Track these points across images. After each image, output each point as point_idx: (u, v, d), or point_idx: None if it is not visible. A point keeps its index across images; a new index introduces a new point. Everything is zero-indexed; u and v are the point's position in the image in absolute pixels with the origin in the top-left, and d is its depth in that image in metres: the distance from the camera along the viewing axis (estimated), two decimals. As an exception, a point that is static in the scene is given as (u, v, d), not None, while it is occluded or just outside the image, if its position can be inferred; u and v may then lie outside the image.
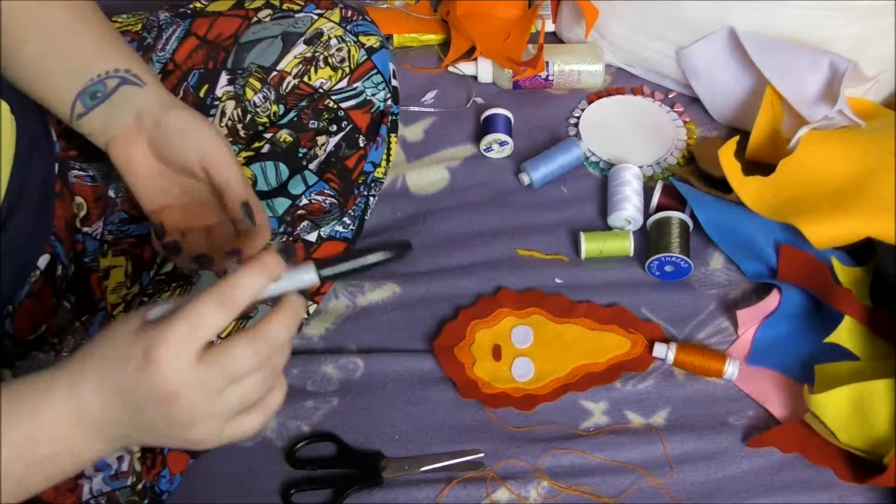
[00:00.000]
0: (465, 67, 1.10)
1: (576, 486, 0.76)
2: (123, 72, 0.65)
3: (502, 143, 1.01)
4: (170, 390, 0.48)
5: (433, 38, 1.15)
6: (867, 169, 0.87)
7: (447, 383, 0.83)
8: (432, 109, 1.07)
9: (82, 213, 0.77)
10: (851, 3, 0.94)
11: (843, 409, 0.75)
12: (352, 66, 0.84)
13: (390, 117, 0.89)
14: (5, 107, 0.64)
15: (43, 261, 0.71)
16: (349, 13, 0.86)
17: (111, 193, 0.79)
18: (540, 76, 1.07)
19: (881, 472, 0.72)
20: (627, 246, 0.91)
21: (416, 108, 1.06)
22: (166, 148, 0.64)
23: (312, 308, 0.86)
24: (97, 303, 0.75)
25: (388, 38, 1.11)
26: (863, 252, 0.87)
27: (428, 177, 1.00)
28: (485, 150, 1.02)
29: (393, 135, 0.90)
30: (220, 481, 0.78)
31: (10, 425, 0.48)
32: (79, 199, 0.77)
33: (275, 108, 0.84)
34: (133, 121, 0.64)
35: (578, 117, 1.06)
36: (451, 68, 1.11)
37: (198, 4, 0.85)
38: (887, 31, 0.95)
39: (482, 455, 0.78)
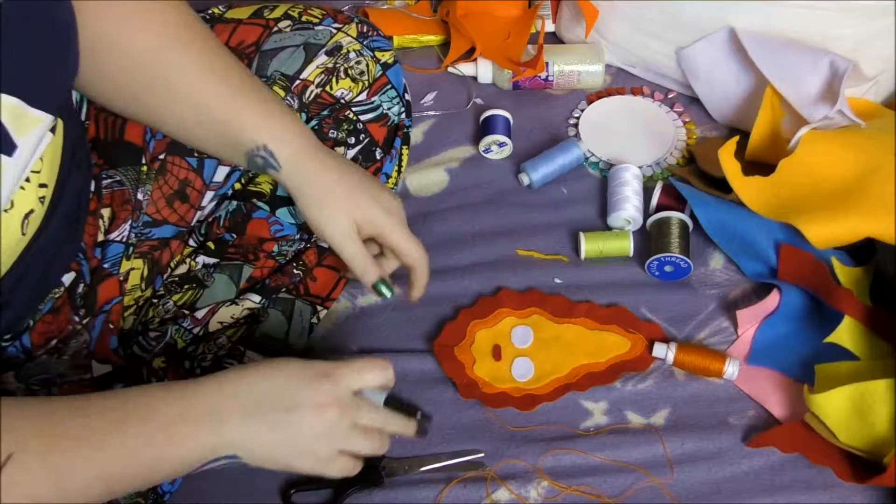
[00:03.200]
0: (465, 68, 1.10)
1: (576, 486, 0.76)
2: (263, 150, 0.71)
3: (501, 145, 1.01)
4: (331, 402, 0.62)
5: (433, 38, 1.15)
6: (867, 169, 0.87)
7: (447, 383, 0.83)
8: (433, 112, 1.07)
9: (107, 224, 0.78)
10: (851, 3, 0.94)
11: (843, 409, 0.75)
12: (370, 80, 0.86)
13: (404, 130, 0.90)
14: (59, 123, 0.64)
15: (68, 278, 0.71)
16: (365, 28, 0.88)
17: (140, 196, 0.79)
18: (540, 77, 1.07)
19: (881, 472, 0.72)
20: (627, 246, 0.91)
21: (416, 114, 1.06)
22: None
23: (323, 313, 0.86)
24: (99, 308, 0.75)
25: (389, 39, 1.11)
26: (863, 252, 0.87)
27: (428, 178, 1.00)
28: (484, 151, 1.02)
29: (405, 147, 0.92)
30: (220, 481, 0.77)
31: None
32: (103, 211, 0.77)
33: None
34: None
35: (578, 118, 1.06)
36: (450, 69, 1.11)
37: (216, 10, 0.86)
38: (887, 31, 0.95)
39: (482, 455, 0.78)
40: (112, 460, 0.55)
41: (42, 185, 0.63)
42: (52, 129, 0.62)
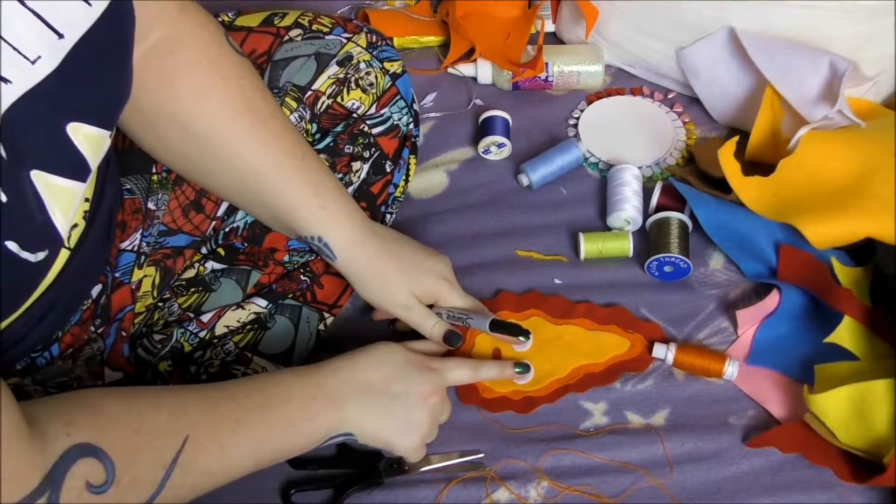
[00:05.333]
0: (465, 69, 1.10)
1: (576, 486, 0.76)
2: (317, 240, 0.76)
3: (500, 145, 1.01)
4: (432, 392, 0.71)
5: (433, 39, 1.15)
6: (867, 169, 0.87)
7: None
8: (433, 114, 1.07)
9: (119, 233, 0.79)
10: (851, 3, 0.94)
11: (843, 409, 0.75)
12: (378, 92, 0.86)
13: (412, 140, 0.91)
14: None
15: (96, 290, 0.72)
16: (374, 38, 0.89)
17: (151, 206, 0.80)
18: (539, 77, 1.07)
19: (881, 472, 0.72)
20: (627, 246, 0.91)
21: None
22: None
23: (330, 320, 0.86)
24: (113, 316, 0.76)
25: (389, 40, 1.12)
26: (863, 252, 0.87)
27: (427, 180, 1.00)
28: (483, 152, 1.02)
29: (413, 156, 0.92)
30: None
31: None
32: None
33: (308, 127, 0.85)
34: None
35: (578, 118, 1.06)
36: (450, 70, 1.11)
37: (225, 17, 0.87)
38: (887, 31, 0.95)
39: (482, 455, 0.78)
40: (262, 437, 0.63)
41: (86, 200, 0.65)
42: None
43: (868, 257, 0.86)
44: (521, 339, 0.80)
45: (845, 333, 0.80)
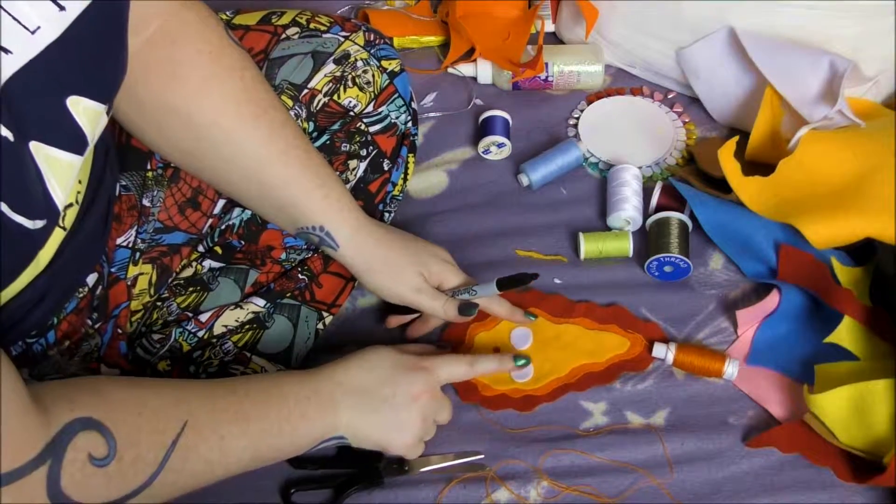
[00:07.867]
0: (465, 69, 1.10)
1: (576, 486, 0.76)
2: (319, 229, 0.76)
3: (500, 145, 1.01)
4: (421, 391, 0.72)
5: (433, 39, 1.15)
6: (867, 169, 0.87)
7: (447, 386, 0.83)
8: (433, 114, 1.07)
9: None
10: (851, 3, 0.94)
11: (843, 409, 0.75)
12: (375, 91, 0.86)
13: (410, 139, 0.91)
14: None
15: (91, 279, 0.72)
16: (372, 37, 0.89)
17: (146, 203, 0.80)
18: (539, 77, 1.07)
19: (881, 472, 0.72)
20: (627, 246, 0.91)
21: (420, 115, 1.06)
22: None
23: (329, 319, 0.86)
24: (110, 313, 0.76)
25: (387, 39, 1.12)
26: (863, 252, 0.87)
27: (427, 180, 1.00)
28: (483, 152, 1.02)
29: (411, 155, 0.92)
30: (221, 481, 0.78)
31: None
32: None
33: (305, 125, 0.85)
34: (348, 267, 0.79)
35: (578, 118, 1.06)
36: (450, 70, 1.11)
37: (224, 15, 0.87)
38: (887, 31, 0.95)
39: (482, 456, 0.78)
40: (260, 433, 0.64)
41: (79, 181, 0.65)
42: None
43: (868, 257, 0.86)
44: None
45: (845, 333, 0.80)
